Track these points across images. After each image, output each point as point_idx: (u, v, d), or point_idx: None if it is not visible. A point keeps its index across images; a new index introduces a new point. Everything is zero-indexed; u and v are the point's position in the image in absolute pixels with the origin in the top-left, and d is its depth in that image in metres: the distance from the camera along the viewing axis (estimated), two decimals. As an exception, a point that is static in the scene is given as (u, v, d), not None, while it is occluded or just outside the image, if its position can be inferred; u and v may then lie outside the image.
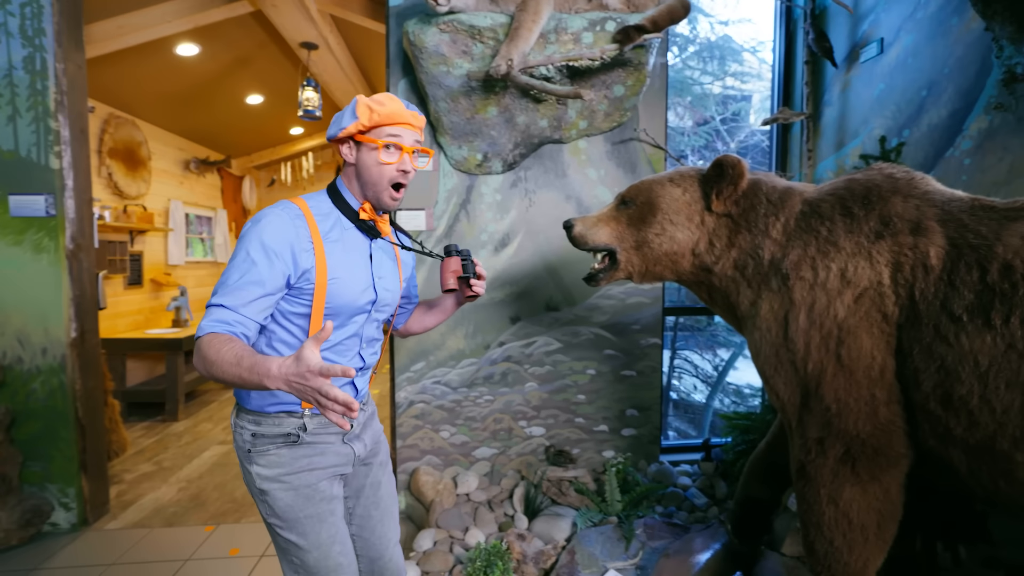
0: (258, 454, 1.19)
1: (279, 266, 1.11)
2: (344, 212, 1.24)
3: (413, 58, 2.41)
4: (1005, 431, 1.06)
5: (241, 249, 1.11)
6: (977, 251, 1.13)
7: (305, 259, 1.14)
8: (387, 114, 1.18)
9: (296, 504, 1.19)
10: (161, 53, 3.97)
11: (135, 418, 4.46)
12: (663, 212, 1.56)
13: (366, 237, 1.26)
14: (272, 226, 1.12)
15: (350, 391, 1.28)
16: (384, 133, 1.19)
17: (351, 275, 1.21)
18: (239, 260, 1.10)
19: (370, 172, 1.21)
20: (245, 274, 1.08)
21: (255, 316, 1.10)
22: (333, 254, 1.19)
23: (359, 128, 1.19)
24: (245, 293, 1.08)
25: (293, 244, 1.13)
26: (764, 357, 1.41)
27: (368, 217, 1.25)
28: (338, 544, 1.24)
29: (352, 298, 1.21)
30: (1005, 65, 1.87)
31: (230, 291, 1.08)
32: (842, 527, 1.30)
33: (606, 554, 2.11)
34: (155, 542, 2.58)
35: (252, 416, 1.20)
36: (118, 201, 4.63)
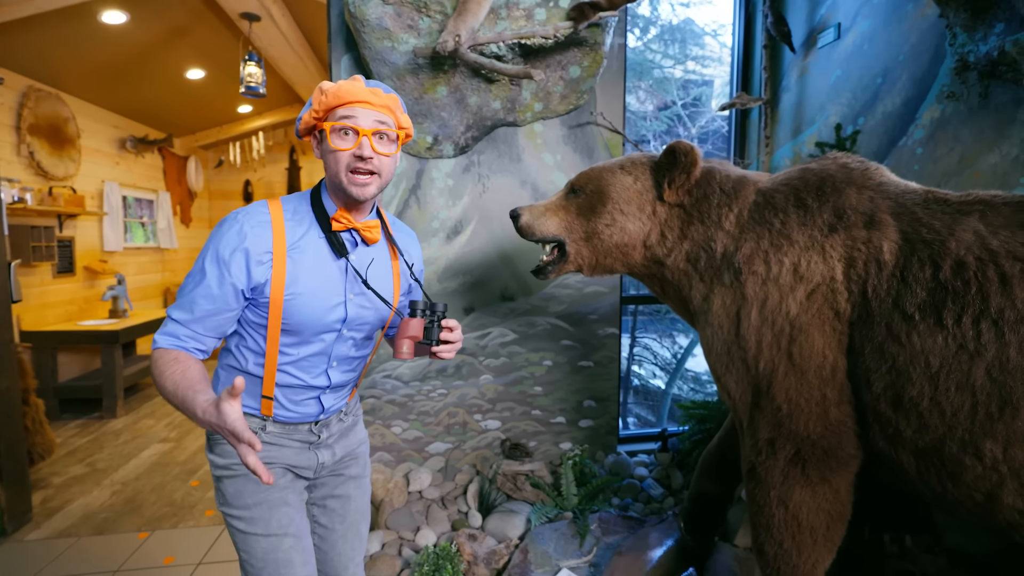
0: (216, 443, 1.16)
1: (228, 281, 1.04)
2: (318, 219, 1.12)
3: (355, 32, 2.24)
4: (954, 434, 1.03)
5: (200, 256, 1.07)
6: (930, 246, 1.09)
7: (259, 272, 1.05)
8: (336, 93, 1.05)
9: (245, 490, 1.14)
10: (84, 20, 3.63)
11: (68, 415, 4.18)
12: (613, 201, 1.47)
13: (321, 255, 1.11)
14: (229, 234, 1.05)
15: (314, 406, 1.20)
16: (336, 115, 1.07)
17: (316, 290, 1.10)
18: (196, 269, 1.07)
19: (328, 162, 1.09)
20: (197, 287, 1.05)
21: (207, 331, 1.07)
22: (298, 265, 1.08)
23: (313, 115, 1.08)
24: (196, 308, 1.05)
25: (248, 255, 1.04)
26: (716, 355, 1.35)
27: (345, 226, 1.11)
28: (291, 537, 1.16)
29: (316, 316, 1.11)
30: (958, 53, 1.85)
31: (184, 303, 1.06)
32: (791, 529, 1.26)
33: (560, 552, 2.06)
34: (81, 552, 2.40)
35: None
36: (42, 182, 4.27)
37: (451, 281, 2.60)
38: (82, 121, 4.74)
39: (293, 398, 1.16)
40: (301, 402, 1.17)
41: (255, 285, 1.06)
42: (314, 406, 1.19)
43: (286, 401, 1.15)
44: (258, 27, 3.99)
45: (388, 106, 1.09)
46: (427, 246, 2.56)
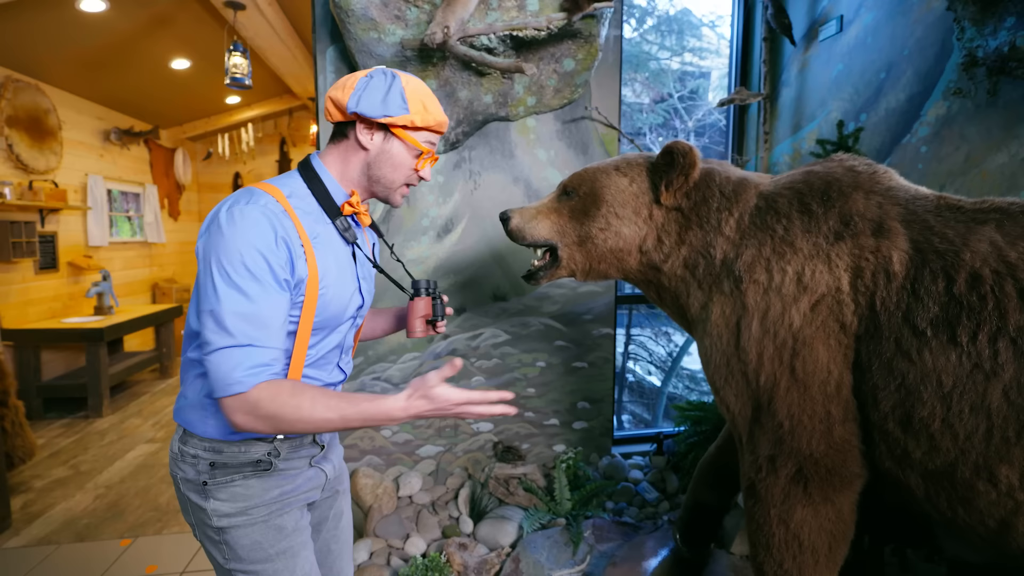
0: (217, 487, 0.99)
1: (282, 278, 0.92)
2: (323, 204, 1.03)
3: (340, 23, 2.15)
4: (967, 458, 0.97)
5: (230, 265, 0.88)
6: (943, 257, 1.02)
7: (300, 266, 0.95)
8: (438, 123, 1.06)
9: (265, 541, 1.01)
10: (62, 7, 3.50)
11: (53, 415, 4.10)
12: (608, 204, 1.40)
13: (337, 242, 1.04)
14: (261, 227, 0.90)
15: None
16: (426, 139, 1.06)
17: (340, 281, 1.03)
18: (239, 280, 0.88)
19: (394, 169, 1.05)
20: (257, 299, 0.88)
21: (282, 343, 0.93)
22: (322, 256, 1.00)
23: (406, 123, 1.02)
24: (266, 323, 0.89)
25: (289, 249, 0.93)
26: (714, 366, 1.29)
27: (353, 210, 1.06)
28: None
29: (342, 306, 1.04)
30: (966, 48, 1.78)
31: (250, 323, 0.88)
32: (792, 549, 1.21)
33: (552, 561, 2.01)
34: (61, 561, 2.33)
35: (209, 443, 1.00)
36: (22, 176, 4.15)
37: (442, 281, 2.53)
38: (64, 112, 4.61)
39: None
40: None
41: (297, 281, 0.94)
42: None
43: None
44: (243, 16, 3.87)
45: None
46: (417, 244, 2.48)
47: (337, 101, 1.02)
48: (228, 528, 1.00)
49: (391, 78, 1.02)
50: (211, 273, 0.88)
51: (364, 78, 1.02)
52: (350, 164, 1.05)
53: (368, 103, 1.00)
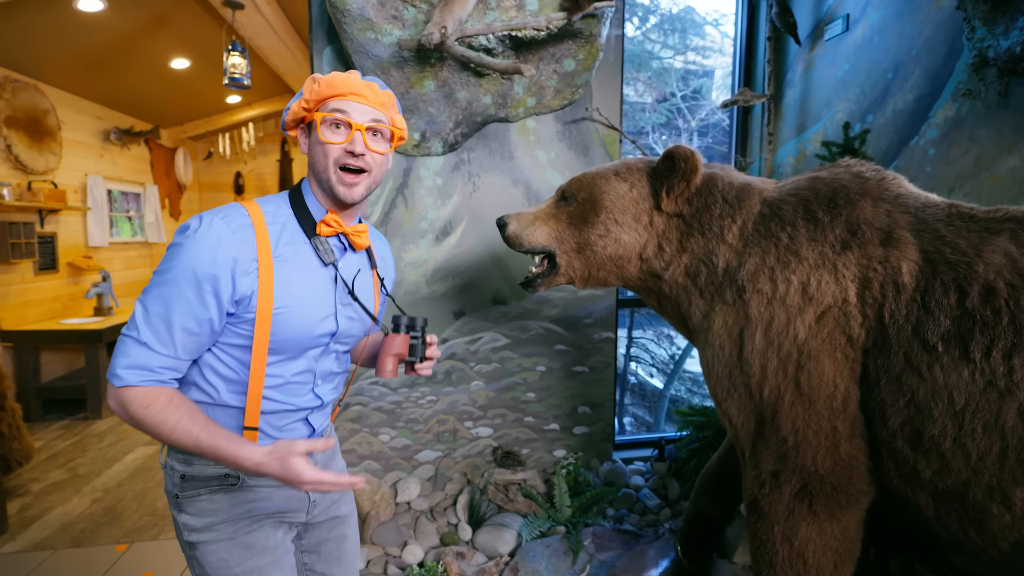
0: (187, 500, 0.99)
1: (210, 298, 0.91)
2: (301, 223, 1.01)
3: (337, 23, 2.12)
4: (980, 478, 0.93)
5: (169, 269, 0.91)
6: (955, 269, 0.98)
7: (245, 284, 0.92)
8: (330, 83, 0.98)
9: (231, 558, 0.99)
10: (60, 7, 3.48)
11: (53, 416, 4.09)
12: (607, 211, 1.37)
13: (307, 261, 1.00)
14: (205, 243, 0.90)
15: (304, 429, 1.08)
16: (329, 107, 0.99)
17: (305, 302, 0.99)
18: (164, 284, 0.90)
19: (315, 156, 1.01)
20: (172, 304, 0.90)
21: (185, 355, 0.93)
22: (284, 275, 0.97)
23: (303, 106, 1.01)
24: (174, 330, 0.90)
25: (233, 266, 0.91)
26: (716, 378, 1.26)
27: (334, 231, 1.02)
28: None
29: (304, 330, 1.00)
30: (976, 48, 1.73)
31: (154, 324, 0.90)
32: (796, 568, 1.17)
33: (551, 570, 1.97)
34: (56, 567, 2.31)
35: (181, 455, 0.99)
36: (21, 177, 4.13)
37: (440, 284, 2.50)
38: (63, 112, 4.59)
39: (278, 423, 1.03)
40: (287, 427, 1.04)
41: (240, 298, 0.93)
42: (302, 429, 1.07)
43: (271, 429, 1.02)
44: (242, 15, 3.84)
45: (384, 103, 1.03)
46: (415, 247, 2.45)
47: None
48: (196, 543, 0.99)
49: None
50: (159, 267, 0.93)
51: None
52: (314, 173, 1.03)
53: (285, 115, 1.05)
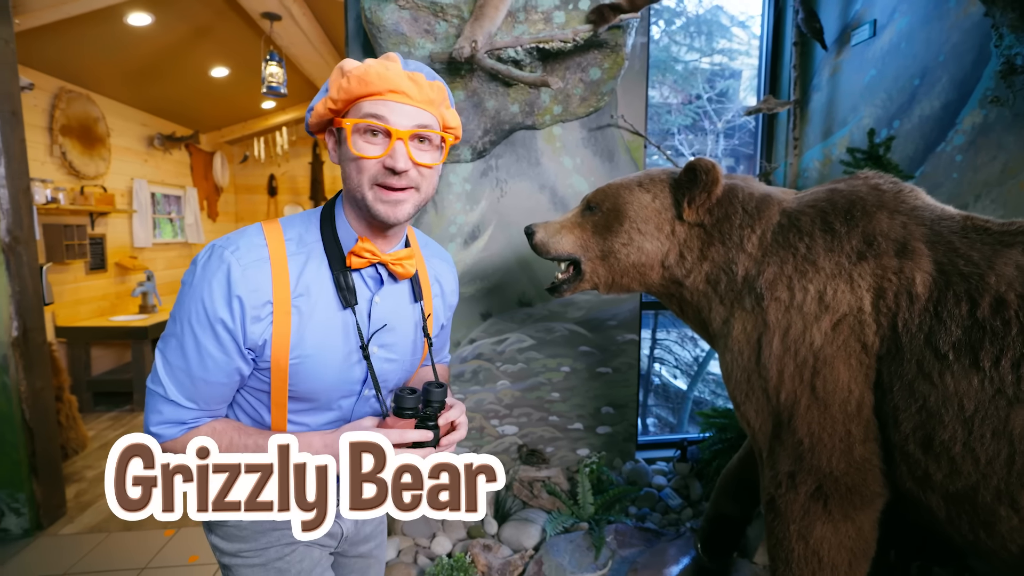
0: (216, 523, 0.95)
1: (230, 344, 0.82)
2: (328, 252, 0.86)
3: (372, 37, 2.22)
4: (988, 482, 0.97)
5: (181, 315, 0.82)
6: (968, 280, 1.02)
7: (257, 331, 0.81)
8: (363, 78, 0.78)
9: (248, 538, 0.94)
10: (111, 22, 3.69)
11: (102, 407, 4.32)
12: (630, 220, 1.43)
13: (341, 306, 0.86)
14: (215, 282, 0.80)
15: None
16: (362, 110, 0.80)
17: (331, 348, 0.86)
18: (181, 333, 0.82)
19: (347, 172, 0.83)
20: (190, 358, 0.82)
21: (214, 404, 0.87)
22: (306, 317, 0.84)
23: (330, 105, 0.81)
24: (193, 383, 0.83)
25: (244, 307, 0.80)
26: (735, 382, 1.31)
27: (368, 262, 0.86)
28: None
29: (329, 380, 0.88)
30: (1004, 55, 1.73)
31: (174, 378, 0.83)
32: (812, 565, 1.22)
33: (575, 564, 2.04)
34: (111, 548, 2.48)
35: None
36: (74, 182, 4.39)
37: (468, 286, 2.59)
38: (111, 120, 4.84)
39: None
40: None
41: (252, 346, 0.82)
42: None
43: None
44: (279, 26, 4.00)
45: (432, 100, 0.82)
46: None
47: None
48: (230, 566, 0.96)
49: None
50: (172, 311, 0.84)
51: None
52: (347, 190, 0.86)
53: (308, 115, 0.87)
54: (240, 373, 0.85)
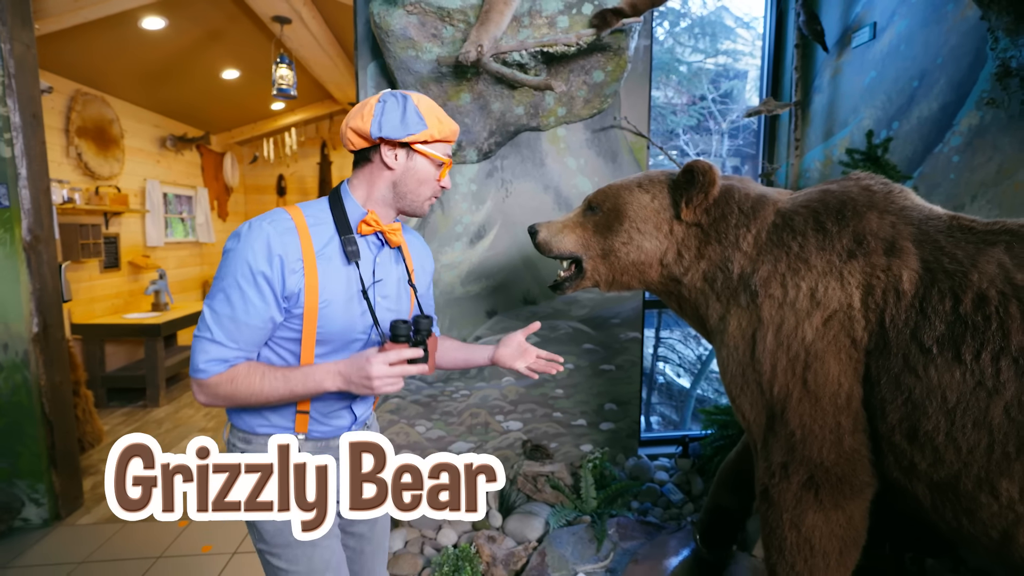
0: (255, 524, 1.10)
1: (268, 294, 1.01)
2: (337, 225, 1.10)
3: (380, 42, 2.28)
4: (970, 471, 1.01)
5: (227, 273, 1.02)
6: (952, 278, 1.06)
7: (293, 281, 1.02)
8: (452, 132, 1.13)
9: (287, 528, 1.08)
10: (126, 26, 3.78)
11: (116, 403, 4.42)
12: (630, 220, 1.48)
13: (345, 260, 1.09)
14: (257, 243, 1.00)
15: (347, 417, 1.19)
16: (443, 150, 1.14)
17: (343, 294, 1.08)
18: (227, 286, 1.01)
19: (420, 181, 1.12)
20: (238, 304, 1.00)
21: (251, 347, 1.04)
22: (327, 273, 1.06)
23: (426, 138, 1.09)
24: (237, 327, 1.01)
25: (283, 265, 1.01)
26: (731, 376, 1.36)
27: (373, 229, 1.11)
28: (331, 572, 1.15)
29: (347, 323, 1.09)
30: (1000, 58, 1.76)
31: (224, 325, 1.00)
32: (804, 552, 1.26)
33: (577, 556, 2.09)
34: (128, 538, 2.56)
35: (242, 434, 1.13)
36: (89, 182, 4.49)
37: (474, 285, 2.64)
38: (125, 122, 4.94)
39: (326, 410, 1.15)
40: (333, 414, 1.16)
41: (289, 295, 1.03)
42: (347, 417, 1.18)
43: (319, 415, 1.14)
44: (289, 29, 4.08)
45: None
46: (450, 250, 2.60)
47: (359, 129, 1.09)
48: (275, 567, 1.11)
49: (403, 99, 1.09)
50: (217, 273, 1.04)
51: (378, 103, 1.09)
52: (376, 186, 1.12)
53: (390, 126, 1.07)
54: (273, 321, 1.04)
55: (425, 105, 1.11)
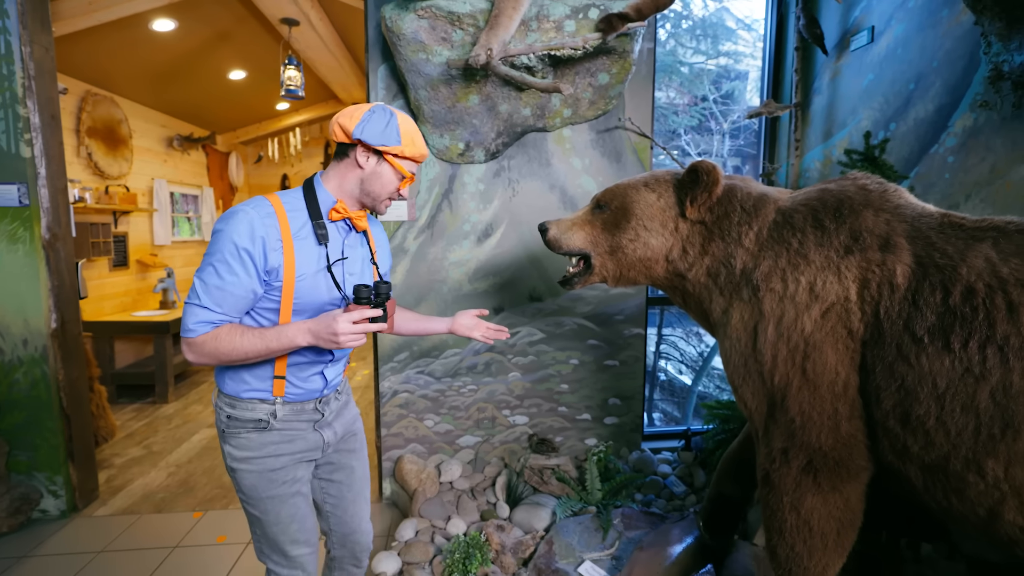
0: (231, 435, 1.29)
1: (251, 268, 1.18)
2: (310, 212, 1.28)
3: (392, 45, 2.35)
4: (958, 452, 1.08)
5: (216, 250, 1.17)
6: (942, 271, 1.13)
7: (274, 258, 1.20)
8: (421, 154, 1.33)
9: (260, 485, 1.30)
10: (136, 28, 3.84)
11: (124, 400, 4.48)
12: (637, 218, 1.54)
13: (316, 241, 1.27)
14: (242, 226, 1.17)
15: (319, 381, 1.36)
16: (410, 167, 1.33)
17: (314, 271, 1.26)
18: (215, 261, 1.17)
19: (382, 185, 1.31)
20: (222, 277, 1.16)
21: (235, 313, 1.21)
22: (302, 252, 1.24)
23: (397, 152, 1.28)
24: (226, 296, 1.17)
25: (265, 244, 1.18)
26: (733, 366, 1.42)
27: (342, 216, 1.31)
28: (296, 523, 1.35)
29: (318, 295, 1.27)
30: (992, 62, 1.83)
31: (212, 294, 1.17)
32: (803, 534, 1.33)
33: (583, 544, 2.16)
34: (144, 528, 2.62)
35: (228, 399, 1.29)
36: (99, 182, 4.55)
37: (481, 282, 2.71)
38: (134, 122, 5.00)
39: (300, 375, 1.32)
40: (307, 378, 1.33)
41: (270, 269, 1.20)
42: (318, 381, 1.35)
43: (294, 379, 1.31)
44: (296, 31, 4.14)
45: None
46: (459, 248, 2.67)
47: (344, 127, 1.26)
48: (236, 469, 1.29)
49: (390, 115, 1.27)
50: (207, 250, 1.19)
51: (368, 112, 1.26)
52: (347, 179, 1.31)
53: (370, 132, 1.25)
54: (254, 293, 1.21)
55: (406, 127, 1.29)
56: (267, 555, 1.38)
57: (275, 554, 1.37)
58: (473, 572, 1.98)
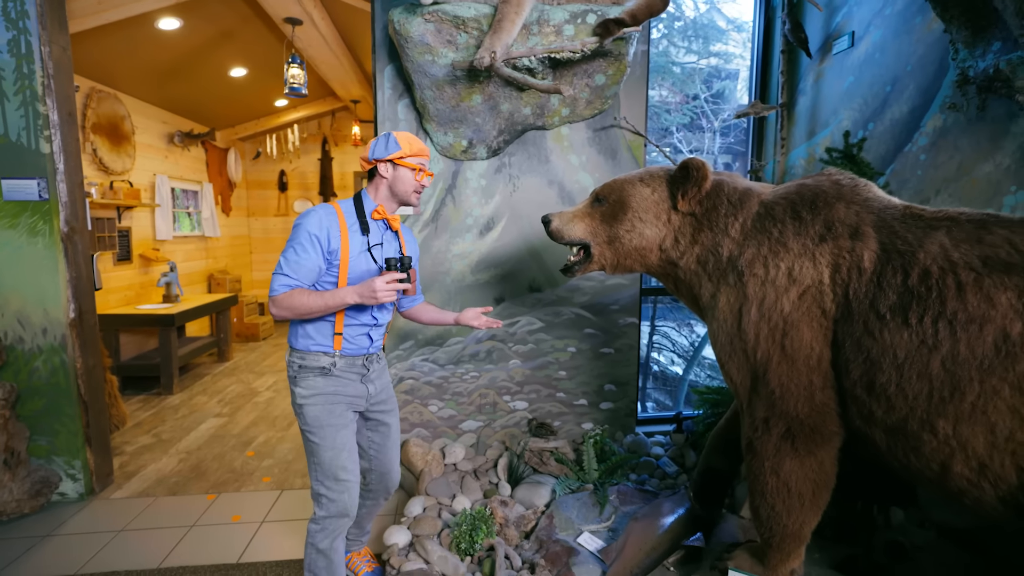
0: (301, 379, 1.71)
1: (319, 249, 1.65)
2: (358, 213, 1.75)
3: (399, 47, 2.46)
4: (915, 414, 1.23)
5: (296, 236, 1.64)
6: (903, 256, 1.27)
7: (335, 243, 1.67)
8: (421, 150, 1.77)
9: (321, 416, 1.70)
10: (143, 27, 3.93)
11: (130, 391, 4.58)
12: (633, 210, 1.68)
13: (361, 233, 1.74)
14: (314, 220, 1.66)
15: (366, 340, 1.79)
16: (417, 161, 1.76)
17: (362, 259, 1.72)
18: (294, 244, 1.63)
19: (405, 184, 1.76)
20: (299, 254, 1.63)
21: (307, 280, 1.65)
22: (353, 239, 1.71)
23: (402, 155, 1.73)
24: (302, 267, 1.63)
25: (329, 233, 1.66)
26: (720, 345, 1.56)
27: (382, 216, 1.77)
28: (347, 451, 1.74)
29: (365, 274, 1.72)
30: (959, 67, 1.98)
31: (292, 266, 1.62)
32: (782, 494, 1.48)
33: (581, 518, 2.30)
34: (160, 510, 2.74)
35: (299, 353, 1.72)
36: (104, 177, 4.63)
37: (483, 273, 2.84)
38: (136, 118, 5.08)
39: (352, 335, 1.75)
40: (357, 337, 1.76)
41: (331, 251, 1.66)
42: (365, 340, 1.78)
43: (349, 336, 1.74)
44: (299, 30, 4.24)
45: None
46: (461, 241, 2.79)
47: (364, 158, 1.77)
48: (303, 405, 1.70)
49: (388, 134, 1.74)
50: (290, 237, 1.66)
51: (373, 141, 1.75)
52: (380, 188, 1.78)
53: (379, 151, 1.74)
54: (320, 268, 1.66)
55: (402, 136, 1.74)
56: (320, 481, 1.72)
57: (327, 479, 1.71)
58: (479, 543, 2.11)
